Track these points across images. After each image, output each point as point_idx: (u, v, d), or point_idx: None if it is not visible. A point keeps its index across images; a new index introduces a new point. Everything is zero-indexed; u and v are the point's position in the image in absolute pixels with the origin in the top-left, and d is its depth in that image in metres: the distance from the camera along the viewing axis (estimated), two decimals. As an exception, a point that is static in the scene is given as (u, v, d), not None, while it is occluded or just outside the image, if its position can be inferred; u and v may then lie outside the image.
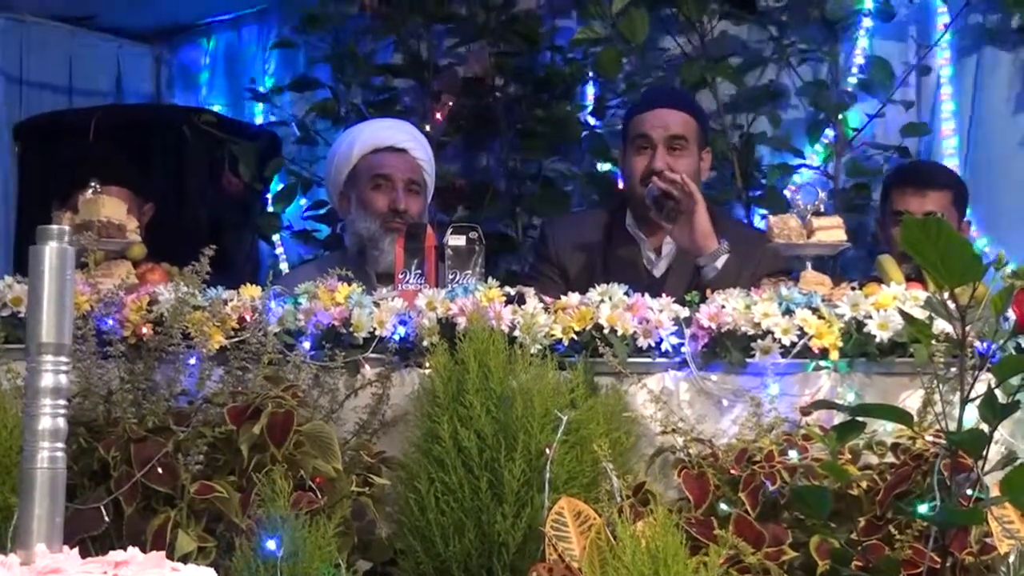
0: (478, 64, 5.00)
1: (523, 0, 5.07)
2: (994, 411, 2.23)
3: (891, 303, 2.71)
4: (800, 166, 4.75)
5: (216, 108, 5.47)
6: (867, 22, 4.72)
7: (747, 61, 4.85)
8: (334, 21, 5.08)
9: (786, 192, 4.57)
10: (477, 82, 5.02)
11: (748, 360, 2.71)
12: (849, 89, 4.73)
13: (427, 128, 4.70)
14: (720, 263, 3.46)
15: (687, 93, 4.33)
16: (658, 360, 2.73)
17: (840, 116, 4.70)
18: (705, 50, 4.81)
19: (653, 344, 2.72)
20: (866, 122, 4.70)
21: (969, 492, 2.35)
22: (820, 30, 4.76)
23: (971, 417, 2.28)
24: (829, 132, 4.73)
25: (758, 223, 4.57)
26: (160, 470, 2.45)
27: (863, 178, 4.69)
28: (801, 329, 2.71)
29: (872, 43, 4.73)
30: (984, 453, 2.28)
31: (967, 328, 2.26)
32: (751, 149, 4.74)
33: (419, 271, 3.01)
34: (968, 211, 4.14)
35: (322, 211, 5.10)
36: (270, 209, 5.20)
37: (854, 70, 4.71)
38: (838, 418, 2.53)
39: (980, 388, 2.28)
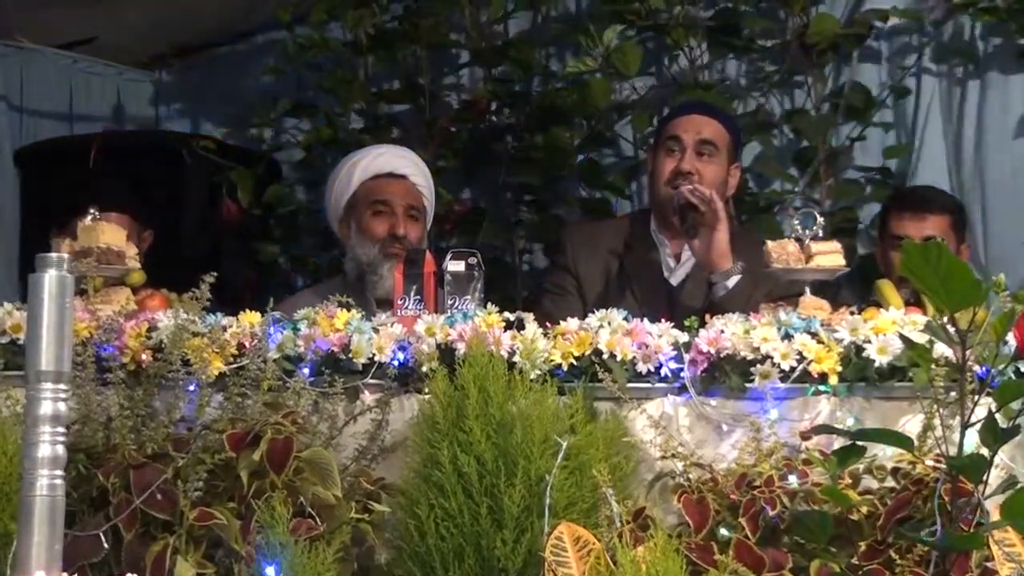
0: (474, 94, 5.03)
1: (515, 26, 5.08)
2: (994, 435, 2.23)
3: (890, 328, 2.71)
4: (789, 192, 4.77)
5: (216, 134, 5.48)
6: (850, 44, 4.75)
7: (733, 90, 4.88)
8: (331, 48, 5.09)
9: (781, 217, 4.58)
10: (473, 108, 5.04)
11: (747, 385, 2.71)
12: (834, 114, 4.75)
13: (424, 154, 4.70)
14: (731, 283, 3.46)
15: (724, 108, 4.35)
16: (657, 385, 2.73)
17: (825, 141, 4.72)
18: (695, 78, 4.83)
19: (652, 369, 2.72)
20: (847, 145, 4.73)
21: (970, 516, 2.34)
22: (800, 56, 4.79)
23: (971, 441, 2.28)
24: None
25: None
26: (159, 496, 2.44)
27: (848, 201, 4.71)
28: (800, 354, 2.71)
29: (853, 67, 4.76)
30: (984, 477, 2.28)
31: (967, 352, 2.26)
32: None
33: (418, 297, 3.01)
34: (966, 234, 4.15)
35: (321, 236, 5.11)
36: (269, 234, 5.21)
37: (846, 92, 4.73)
38: (838, 443, 2.52)
39: (980, 412, 2.28)
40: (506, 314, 2.78)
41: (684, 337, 2.75)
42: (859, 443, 2.37)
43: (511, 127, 5.05)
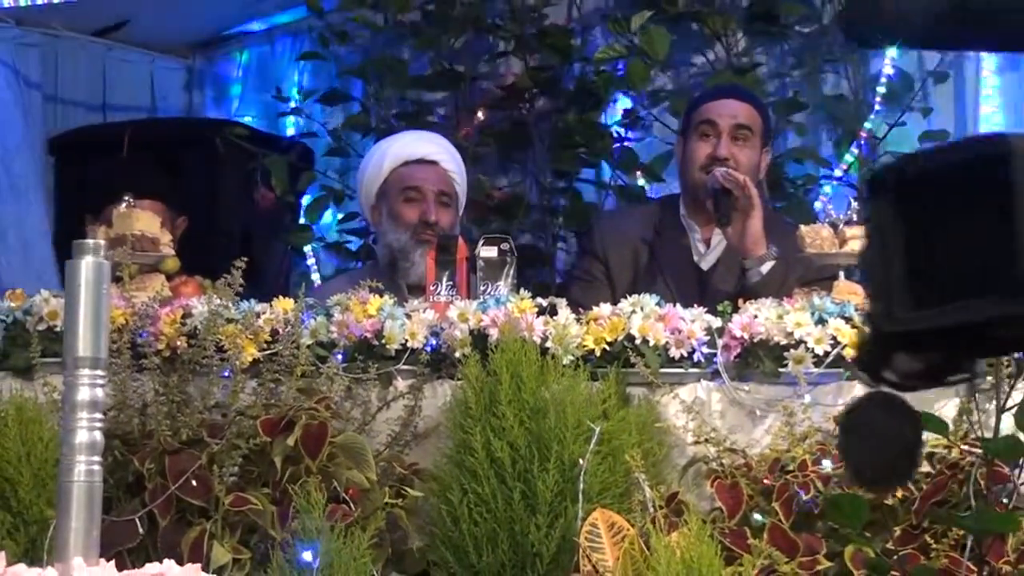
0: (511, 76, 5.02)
1: (554, 13, 5.08)
2: (1030, 420, 2.22)
3: (925, 312, 2.70)
4: (824, 176, 4.75)
5: (248, 121, 5.49)
6: None
7: (770, 73, 4.86)
8: (366, 32, 5.09)
9: (816, 203, 4.56)
10: (510, 95, 5.03)
11: (781, 370, 2.70)
12: (877, 101, 4.72)
13: (461, 140, 4.71)
14: (765, 268, 3.44)
15: (753, 91, 4.32)
16: (690, 370, 2.73)
17: (868, 126, 4.70)
18: (730, 63, 4.81)
19: (685, 354, 2.72)
20: (886, 131, 4.71)
21: (1005, 501, 2.33)
22: (841, 42, 4.76)
23: (1007, 426, 2.27)
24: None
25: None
26: (194, 482, 2.46)
27: None
28: (834, 339, 2.70)
29: (891, 53, 4.73)
30: (1021, 462, 2.27)
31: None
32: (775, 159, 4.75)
33: (450, 283, 3.01)
34: None
35: (354, 223, 5.12)
36: (302, 221, 5.22)
37: (883, 80, 4.70)
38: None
39: (1016, 397, 2.26)
40: (538, 300, 2.78)
41: (717, 322, 2.74)
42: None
43: (547, 113, 5.04)
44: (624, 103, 4.98)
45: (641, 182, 4.90)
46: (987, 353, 0.82)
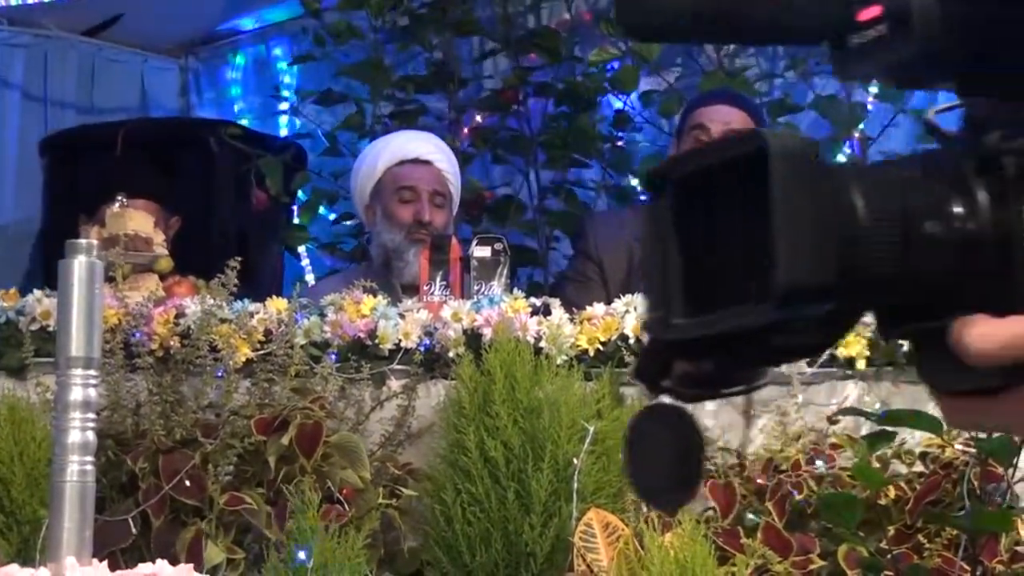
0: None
1: (554, 14, 5.09)
2: None
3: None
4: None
5: (243, 121, 5.49)
6: None
7: (762, 74, 4.86)
8: (358, 34, 5.09)
9: None
10: (502, 96, 5.04)
11: (774, 369, 2.70)
12: (870, 101, 4.72)
13: (454, 141, 4.71)
14: None
15: (749, 96, 4.32)
16: (684, 370, 2.72)
17: (860, 127, 4.70)
18: (721, 64, 4.81)
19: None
20: (879, 132, 4.71)
21: (999, 500, 2.34)
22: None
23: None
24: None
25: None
26: (188, 482, 2.46)
27: None
28: (828, 338, 2.70)
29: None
30: (1014, 461, 2.27)
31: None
32: None
33: (444, 283, 3.01)
34: None
35: (348, 223, 5.12)
36: (296, 221, 5.22)
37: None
38: (865, 428, 2.52)
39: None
40: (532, 300, 2.78)
41: (711, 322, 2.74)
42: (888, 428, 2.36)
43: (539, 115, 5.04)
44: (616, 104, 4.99)
45: (635, 182, 4.90)
46: (764, 362, 0.78)
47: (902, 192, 0.75)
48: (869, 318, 0.77)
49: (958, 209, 0.75)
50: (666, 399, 0.77)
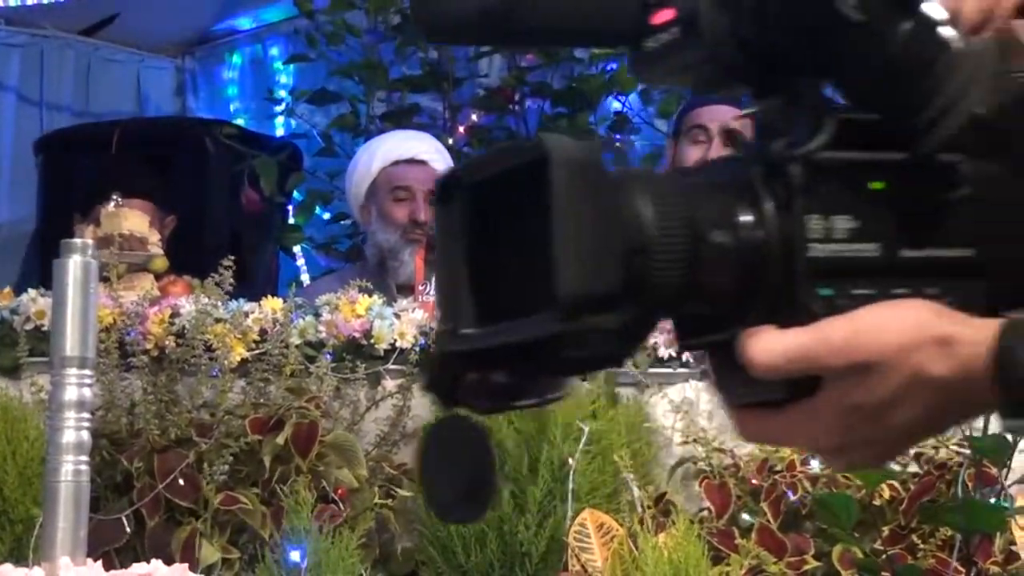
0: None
1: None
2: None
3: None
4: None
5: (240, 121, 5.48)
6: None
7: None
8: (355, 32, 5.09)
9: None
10: (498, 95, 5.03)
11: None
12: None
13: (449, 141, 4.71)
14: None
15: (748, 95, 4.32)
16: (679, 370, 2.73)
17: None
18: None
19: (674, 354, 2.72)
20: None
21: (993, 501, 2.34)
22: None
23: (996, 426, 2.27)
24: None
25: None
26: (182, 482, 2.46)
27: None
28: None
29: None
30: (1008, 462, 2.28)
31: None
32: None
33: (440, 282, 3.01)
34: None
35: (344, 223, 5.12)
36: (292, 221, 5.21)
37: None
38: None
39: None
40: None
41: (706, 322, 2.74)
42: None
43: (536, 114, 5.04)
44: (615, 105, 4.99)
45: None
46: (557, 373, 0.74)
47: (690, 201, 0.73)
48: None
49: (745, 218, 0.73)
50: (462, 411, 0.74)
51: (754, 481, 2.55)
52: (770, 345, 0.71)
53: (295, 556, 2.30)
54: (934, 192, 0.74)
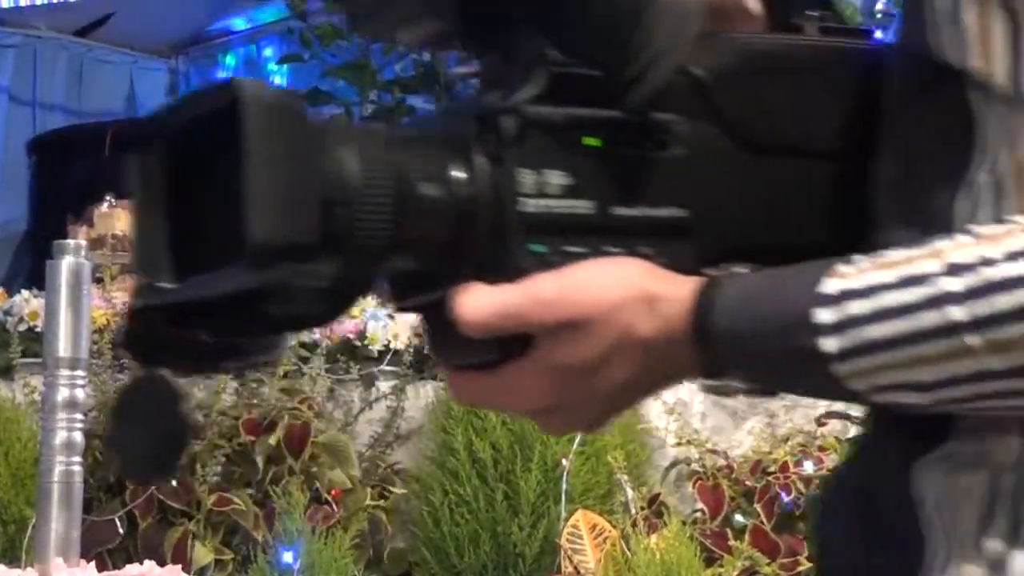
0: None
1: None
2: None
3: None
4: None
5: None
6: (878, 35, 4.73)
7: None
8: (346, 35, 5.09)
9: None
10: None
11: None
12: None
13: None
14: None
15: None
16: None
17: None
18: None
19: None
20: None
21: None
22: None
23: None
24: None
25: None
26: (175, 483, 2.45)
27: None
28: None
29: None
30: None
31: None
32: None
33: (433, 283, 3.01)
34: None
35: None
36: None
37: None
38: (853, 428, 2.52)
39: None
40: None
41: (699, 323, 2.74)
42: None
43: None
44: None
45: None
46: (265, 332, 0.71)
47: (399, 153, 0.70)
48: None
49: (456, 173, 0.70)
50: (161, 371, 0.69)
51: (748, 482, 2.55)
52: (480, 302, 0.69)
53: (288, 557, 2.30)
54: (648, 150, 0.73)
